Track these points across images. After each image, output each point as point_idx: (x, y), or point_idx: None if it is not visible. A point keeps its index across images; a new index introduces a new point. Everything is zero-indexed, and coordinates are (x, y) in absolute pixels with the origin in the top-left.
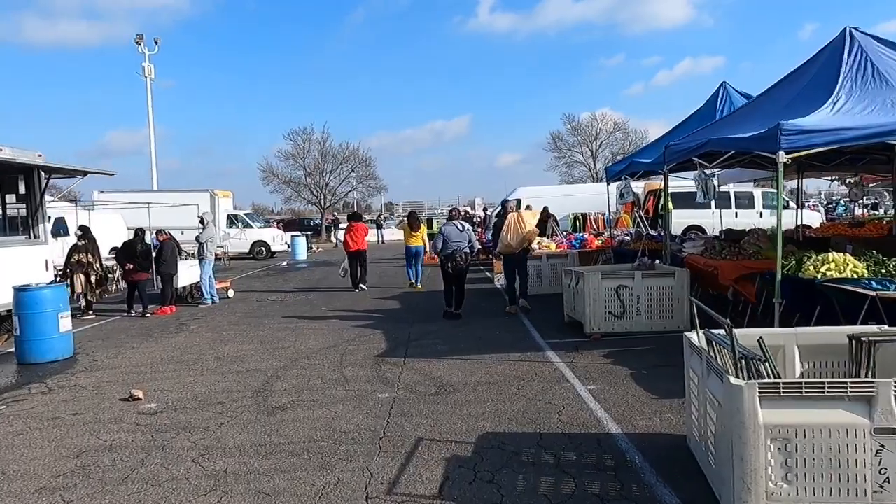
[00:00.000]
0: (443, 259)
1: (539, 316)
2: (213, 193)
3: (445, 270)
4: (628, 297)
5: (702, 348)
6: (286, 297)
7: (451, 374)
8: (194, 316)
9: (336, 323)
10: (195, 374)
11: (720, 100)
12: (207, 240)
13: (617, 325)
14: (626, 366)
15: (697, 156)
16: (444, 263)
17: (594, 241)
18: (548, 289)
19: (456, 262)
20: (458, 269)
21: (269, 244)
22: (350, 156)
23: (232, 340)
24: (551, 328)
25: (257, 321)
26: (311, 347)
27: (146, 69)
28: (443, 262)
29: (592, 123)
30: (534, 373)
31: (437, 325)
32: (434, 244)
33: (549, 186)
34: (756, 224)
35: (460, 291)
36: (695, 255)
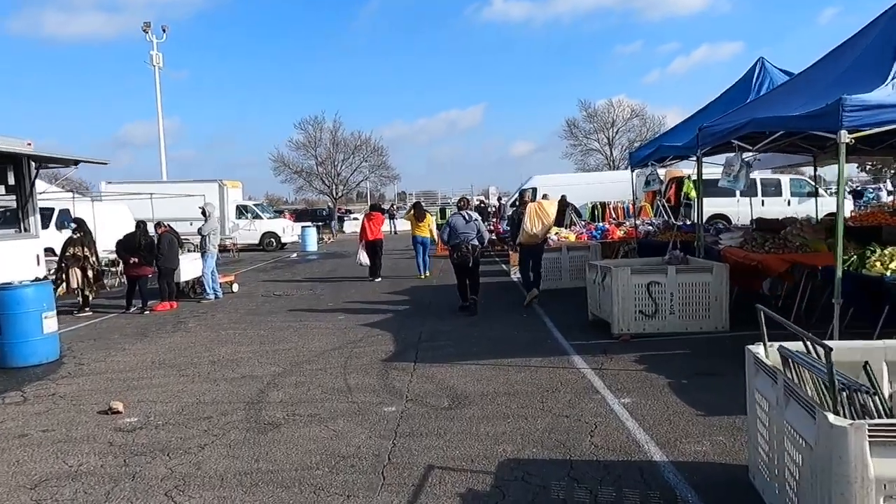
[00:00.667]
0: (450, 250)
1: (561, 313)
2: (221, 184)
3: (453, 261)
4: (661, 295)
5: (775, 369)
6: (293, 291)
7: (465, 382)
8: (194, 313)
9: (343, 320)
10: (185, 381)
11: (756, 77)
12: (210, 232)
13: (648, 326)
14: (662, 373)
15: (737, 138)
16: (452, 254)
17: (616, 232)
18: (568, 283)
19: (461, 253)
20: (464, 259)
21: (280, 235)
22: (362, 145)
23: (230, 341)
24: (575, 328)
25: (260, 319)
26: (314, 350)
27: (154, 57)
28: (451, 252)
29: (609, 110)
30: (559, 381)
31: (451, 324)
32: (441, 235)
33: (565, 174)
34: (785, 213)
35: (475, 283)
36: (733, 247)
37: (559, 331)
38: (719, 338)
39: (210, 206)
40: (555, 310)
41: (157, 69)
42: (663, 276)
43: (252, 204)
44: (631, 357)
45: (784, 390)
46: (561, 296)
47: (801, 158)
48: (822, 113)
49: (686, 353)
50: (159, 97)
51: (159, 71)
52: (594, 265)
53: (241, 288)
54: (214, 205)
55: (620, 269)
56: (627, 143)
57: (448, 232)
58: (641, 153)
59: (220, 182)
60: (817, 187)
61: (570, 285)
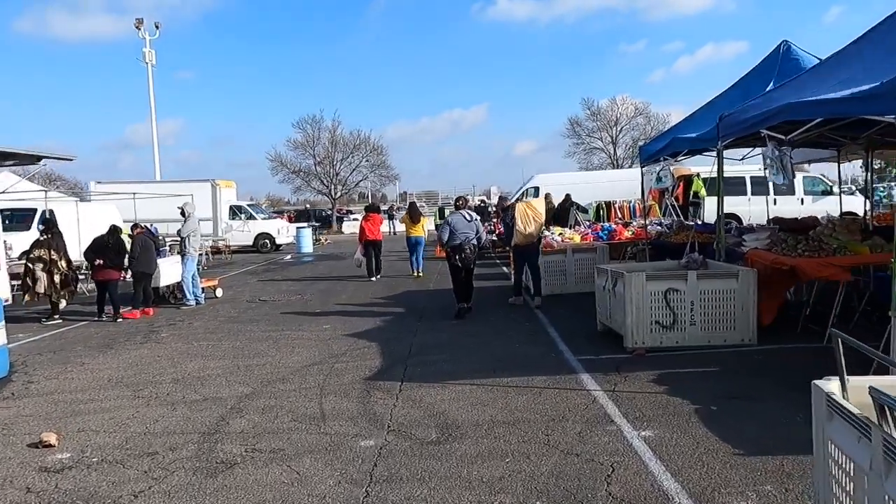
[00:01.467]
0: (450, 251)
1: (566, 322)
2: (214, 183)
3: (453, 264)
4: (680, 304)
5: (866, 421)
6: (280, 295)
7: (458, 407)
8: (171, 320)
9: (328, 330)
10: (139, 404)
11: (780, 62)
12: (189, 233)
13: (665, 339)
14: (686, 397)
15: (769, 127)
16: (452, 256)
17: (623, 232)
18: (573, 287)
19: (465, 255)
20: (467, 261)
21: (274, 236)
22: (361, 144)
23: (201, 354)
24: (582, 339)
25: (239, 328)
26: (291, 365)
27: (147, 55)
28: (450, 254)
29: (612, 108)
30: (566, 407)
31: (445, 334)
32: (440, 235)
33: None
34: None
35: (468, 285)
36: (759, 249)
37: (565, 343)
38: (747, 352)
39: (190, 206)
40: (559, 317)
41: (150, 66)
42: (683, 283)
43: (246, 204)
44: (648, 376)
45: (885, 453)
46: (565, 302)
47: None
48: (876, 94)
49: (712, 371)
50: (152, 95)
51: (152, 68)
52: (604, 270)
53: (226, 292)
54: (195, 204)
55: (634, 274)
56: (631, 142)
57: (448, 232)
58: (652, 148)
59: (213, 182)
60: (831, 185)
61: (576, 290)
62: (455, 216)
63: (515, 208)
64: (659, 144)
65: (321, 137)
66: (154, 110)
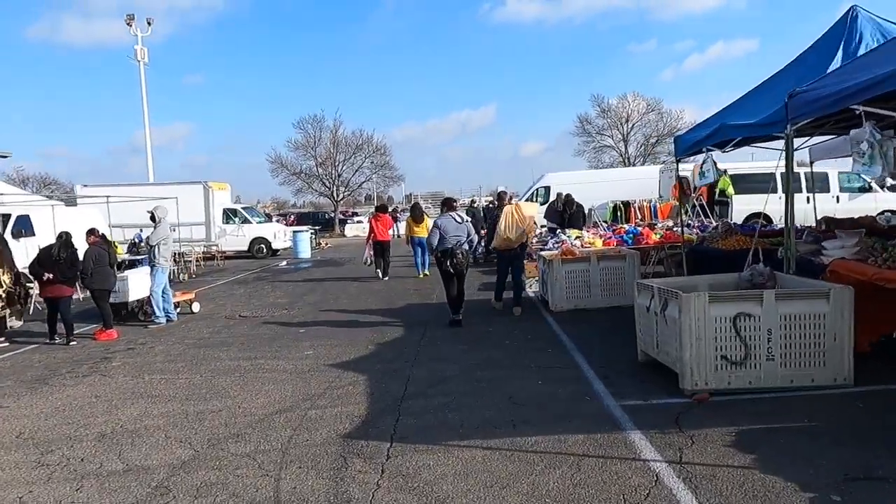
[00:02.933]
0: (440, 256)
1: (595, 347)
2: (206, 186)
3: (445, 270)
4: (753, 333)
5: None
6: (265, 309)
7: (466, 490)
8: (131, 343)
9: (310, 358)
10: (38, 477)
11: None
12: (159, 241)
13: (735, 378)
14: (788, 476)
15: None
16: (443, 261)
17: (651, 235)
18: (599, 300)
19: (457, 259)
20: (459, 267)
21: (270, 241)
22: (364, 144)
23: (148, 394)
24: (621, 373)
25: (206, 355)
26: (254, 412)
27: (139, 52)
28: (440, 259)
29: (623, 105)
30: (618, 491)
31: (450, 364)
32: (429, 240)
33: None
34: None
35: (460, 294)
36: (848, 260)
37: (600, 379)
38: (844, 398)
39: (161, 211)
40: (587, 340)
41: (141, 64)
42: (756, 306)
43: (241, 207)
44: (723, 435)
45: None
46: (591, 319)
47: None
48: None
49: (805, 427)
50: (145, 94)
51: (144, 66)
52: (647, 287)
53: (206, 306)
54: (167, 209)
55: (693, 296)
56: (643, 139)
57: (437, 236)
58: (692, 137)
59: (205, 184)
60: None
61: (602, 304)
62: (444, 219)
63: (503, 209)
64: (700, 133)
65: (322, 138)
66: (147, 110)
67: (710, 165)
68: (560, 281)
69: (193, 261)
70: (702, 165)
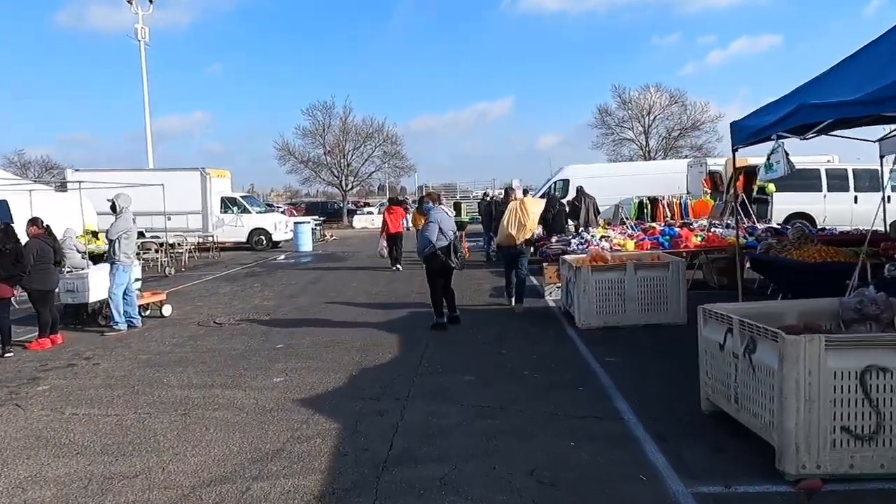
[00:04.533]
0: (442, 253)
1: (639, 383)
2: (204, 172)
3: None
4: (889, 396)
5: None
6: (246, 314)
7: None
8: (74, 358)
9: (279, 385)
10: None
11: None
12: (119, 235)
13: (861, 459)
14: None
15: None
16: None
17: (691, 237)
18: (636, 316)
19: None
20: (462, 262)
21: (270, 232)
22: (374, 133)
23: (56, 441)
24: (682, 433)
25: (155, 377)
26: (178, 483)
27: (139, 31)
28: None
29: (645, 97)
30: None
31: (450, 406)
32: (429, 236)
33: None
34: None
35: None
36: None
37: (654, 439)
38: None
39: (124, 199)
40: (627, 373)
41: (142, 44)
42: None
43: (240, 196)
44: None
45: None
46: (629, 341)
47: None
48: None
49: None
50: (145, 75)
51: (145, 46)
52: (721, 317)
53: (182, 307)
54: (130, 197)
55: (805, 340)
56: (665, 132)
57: (437, 231)
58: (757, 122)
59: (202, 170)
60: None
61: (639, 321)
62: (439, 213)
63: (509, 204)
64: (768, 117)
65: (332, 125)
66: (147, 90)
67: (780, 156)
68: (589, 293)
69: (185, 253)
70: (769, 157)
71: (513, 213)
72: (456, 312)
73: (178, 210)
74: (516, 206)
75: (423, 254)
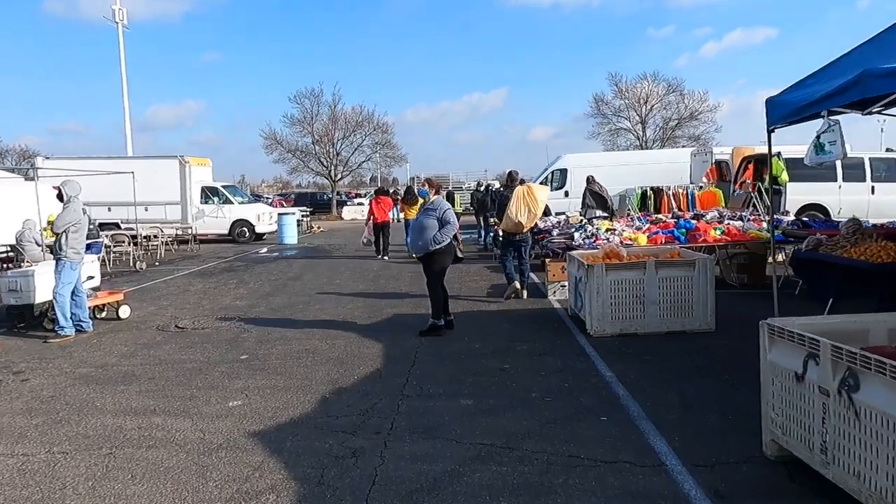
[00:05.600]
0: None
1: (675, 412)
2: (183, 160)
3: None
4: None
5: None
6: (213, 316)
7: None
8: (3, 370)
9: (231, 415)
10: None
11: None
12: (67, 227)
13: None
14: None
15: None
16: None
17: (709, 231)
18: (657, 322)
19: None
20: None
21: (254, 224)
22: (364, 121)
23: None
24: (737, 479)
25: (89, 399)
26: None
27: (117, 13)
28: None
29: (642, 86)
30: None
31: (444, 450)
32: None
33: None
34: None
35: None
36: None
37: (708, 495)
38: None
39: (72, 187)
40: (658, 399)
41: (120, 26)
42: None
43: (221, 186)
44: None
45: None
46: (651, 352)
47: None
48: None
49: None
50: (123, 58)
51: (123, 29)
52: (795, 337)
53: (143, 309)
54: (79, 185)
55: None
56: (662, 122)
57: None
58: (805, 95)
59: (181, 158)
60: None
61: (661, 328)
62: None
63: (514, 190)
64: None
65: (320, 113)
66: (125, 74)
67: (836, 136)
68: (603, 295)
69: (161, 245)
70: (819, 136)
71: (521, 199)
72: (450, 316)
73: (156, 200)
74: (524, 193)
75: (427, 250)
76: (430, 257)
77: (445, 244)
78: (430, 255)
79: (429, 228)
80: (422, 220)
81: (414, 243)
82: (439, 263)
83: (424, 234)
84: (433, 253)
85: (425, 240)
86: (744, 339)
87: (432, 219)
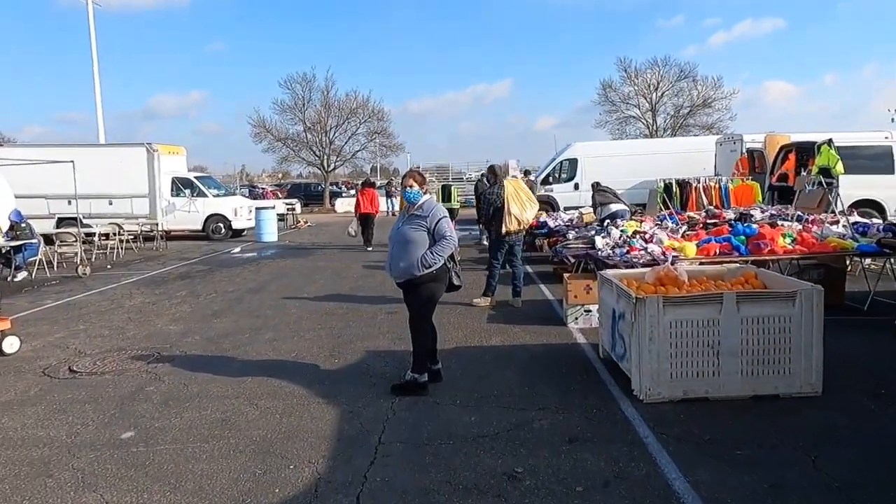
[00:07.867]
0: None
1: None
2: (151, 149)
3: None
4: None
5: None
6: (128, 351)
7: None
8: None
9: None
10: None
11: None
12: None
13: None
14: None
15: None
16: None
17: (777, 239)
18: (736, 382)
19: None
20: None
21: (230, 219)
22: (358, 108)
23: None
24: None
25: None
26: None
27: None
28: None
29: (653, 71)
30: None
31: None
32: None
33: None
34: None
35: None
36: None
37: None
38: None
39: None
40: None
41: (90, 4)
42: None
43: (195, 177)
44: None
45: None
46: (738, 437)
47: None
48: None
49: None
50: (94, 41)
51: (93, 6)
52: None
53: (39, 339)
54: None
55: None
56: (673, 110)
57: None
58: None
59: (149, 146)
60: None
61: (744, 391)
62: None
63: (504, 188)
64: None
65: (312, 99)
66: (96, 57)
67: None
68: (661, 341)
69: (119, 244)
70: None
71: (515, 195)
72: (437, 364)
73: (121, 193)
74: (515, 188)
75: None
76: (416, 285)
77: (437, 267)
78: (416, 283)
79: (415, 244)
80: (405, 232)
81: (394, 264)
82: (428, 293)
83: (409, 252)
84: (425, 277)
85: (409, 261)
86: (869, 410)
87: (421, 231)
